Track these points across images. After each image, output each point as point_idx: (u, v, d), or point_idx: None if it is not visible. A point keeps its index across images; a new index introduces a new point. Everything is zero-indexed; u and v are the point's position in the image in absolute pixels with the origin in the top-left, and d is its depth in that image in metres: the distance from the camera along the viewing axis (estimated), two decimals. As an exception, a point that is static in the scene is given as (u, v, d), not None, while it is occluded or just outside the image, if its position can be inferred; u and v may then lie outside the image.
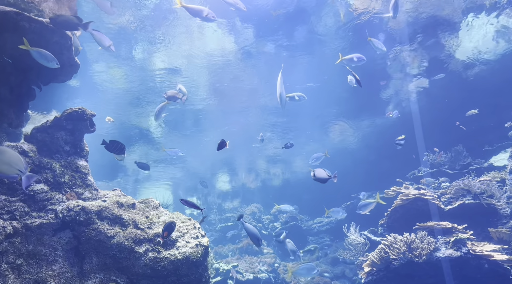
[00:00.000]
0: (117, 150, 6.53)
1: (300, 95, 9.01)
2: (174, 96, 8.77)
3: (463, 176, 12.12)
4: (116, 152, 6.55)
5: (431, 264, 7.78)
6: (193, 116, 16.77)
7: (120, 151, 6.51)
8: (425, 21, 11.35)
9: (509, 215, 10.08)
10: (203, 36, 11.55)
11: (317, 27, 11.66)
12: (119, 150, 6.53)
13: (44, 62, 5.67)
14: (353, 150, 23.88)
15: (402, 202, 10.47)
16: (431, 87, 14.99)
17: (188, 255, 6.28)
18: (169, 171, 24.51)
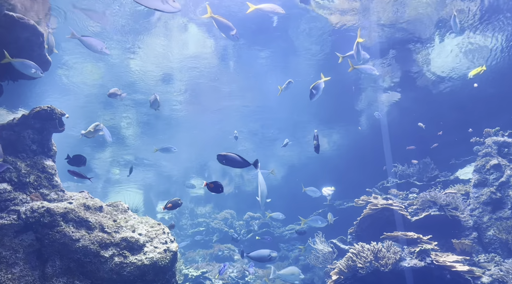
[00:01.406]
0: (79, 163, 6.63)
1: (290, 82, 9.01)
2: (114, 93, 8.67)
3: (430, 187, 12.51)
4: (78, 165, 6.61)
5: (396, 273, 7.97)
6: (167, 120, 16.60)
7: (82, 164, 6.63)
8: (398, 38, 11.71)
9: (472, 227, 10.46)
10: (182, 39, 11.50)
11: (294, 39, 11.85)
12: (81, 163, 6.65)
13: (27, 72, 5.58)
14: (327, 158, 24.23)
15: (370, 211, 10.69)
16: (402, 100, 15.45)
17: (156, 261, 6.19)
18: (141, 174, 24.12)
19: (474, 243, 10.03)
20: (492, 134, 11.56)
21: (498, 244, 9.82)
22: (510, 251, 9.58)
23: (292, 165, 26.20)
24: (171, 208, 7.41)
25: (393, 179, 14.87)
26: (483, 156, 11.07)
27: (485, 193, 10.48)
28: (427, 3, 10.20)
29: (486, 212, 10.34)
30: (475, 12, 10.51)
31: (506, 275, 8.45)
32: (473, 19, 10.77)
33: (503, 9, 10.37)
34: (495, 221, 10.10)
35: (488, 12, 10.47)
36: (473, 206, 10.70)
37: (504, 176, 10.34)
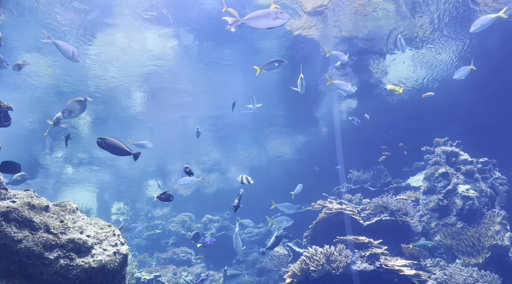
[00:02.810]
0: (12, 170, 6.32)
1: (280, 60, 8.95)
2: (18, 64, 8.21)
3: (383, 193, 12.97)
4: (10, 172, 6.30)
5: (347, 276, 8.17)
6: (124, 119, 16.16)
7: (15, 171, 6.33)
8: (357, 48, 12.08)
9: (420, 232, 10.93)
10: (143, 37, 11.26)
11: (257, 44, 11.92)
12: (13, 170, 6.33)
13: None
14: (287, 162, 24.53)
15: (325, 215, 10.91)
16: (360, 108, 15.94)
17: (104, 264, 5.99)
18: (96, 173, 23.31)
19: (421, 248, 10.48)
20: (441, 144, 12.16)
21: (443, 249, 10.32)
22: (454, 256, 10.08)
23: (253, 167, 26.31)
24: (164, 199, 7.26)
25: (348, 184, 15.28)
26: (433, 164, 11.62)
27: (433, 200, 11.00)
28: (386, 16, 10.61)
29: (434, 218, 10.84)
30: (428, 27, 11.05)
31: (449, 278, 8.89)
32: (426, 34, 11.31)
33: (452, 25, 10.97)
34: (441, 227, 10.61)
35: (438, 29, 11.04)
36: (422, 212, 11.19)
37: (451, 184, 10.89)
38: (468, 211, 10.43)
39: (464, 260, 9.70)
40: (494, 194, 11.02)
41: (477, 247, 9.76)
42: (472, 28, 8.47)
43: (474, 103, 13.62)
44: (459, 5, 10.12)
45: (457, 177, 10.99)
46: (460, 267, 9.14)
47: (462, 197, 10.56)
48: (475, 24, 8.40)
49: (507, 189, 11.55)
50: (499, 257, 9.71)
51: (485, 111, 13.67)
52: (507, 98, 12.87)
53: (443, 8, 10.28)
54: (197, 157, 23.05)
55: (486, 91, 12.29)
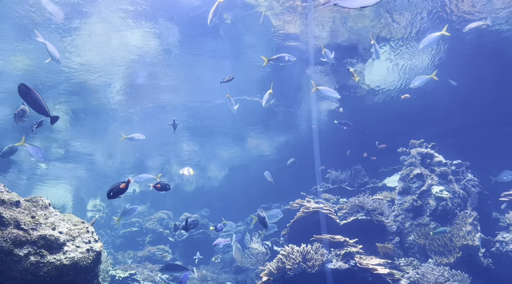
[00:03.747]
0: None
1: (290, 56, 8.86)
2: None
3: (360, 193, 13.14)
4: None
5: (322, 275, 8.26)
6: (100, 113, 15.84)
7: None
8: (337, 49, 12.19)
9: (395, 232, 11.13)
10: (125, 31, 11.07)
11: (243, 37, 11.88)
12: None
13: None
14: (267, 161, 24.59)
15: (303, 214, 11.00)
16: (339, 111, 16.11)
17: (77, 261, 5.88)
18: (72, 169, 22.81)
19: (396, 247, 10.68)
20: (417, 145, 12.42)
21: (417, 249, 10.54)
22: (427, 255, 10.32)
23: (233, 166, 26.29)
24: (160, 189, 7.17)
25: (326, 183, 15.44)
26: (408, 166, 11.86)
27: (408, 200, 11.23)
28: (367, 19, 10.75)
29: (408, 218, 11.07)
30: (405, 32, 11.26)
31: (422, 278, 9.09)
32: (405, 36, 11.54)
33: (429, 30, 11.23)
34: (415, 227, 10.84)
35: (416, 33, 11.27)
36: (397, 212, 11.41)
37: (425, 185, 11.14)
38: (441, 212, 10.68)
39: (437, 259, 9.94)
40: (467, 196, 11.33)
41: (449, 247, 10.01)
42: (421, 45, 9.09)
43: (449, 107, 13.97)
44: (436, 11, 10.34)
45: (431, 178, 11.25)
46: (432, 267, 9.37)
47: (436, 197, 10.82)
48: (423, 42, 9.10)
49: (478, 190, 11.89)
50: (470, 257, 10.00)
51: (460, 115, 14.03)
52: (480, 102, 13.24)
53: (419, 16, 10.51)
54: (176, 154, 22.85)
55: (460, 95, 12.62)
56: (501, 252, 10.32)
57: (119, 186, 5.09)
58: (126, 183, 5.00)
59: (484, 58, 12.15)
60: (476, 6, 10.04)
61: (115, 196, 5.22)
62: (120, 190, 5.05)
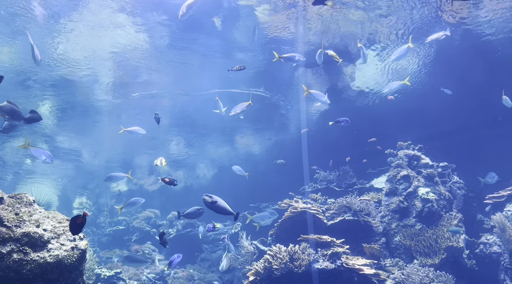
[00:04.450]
0: None
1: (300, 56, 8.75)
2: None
3: (348, 194, 13.23)
4: None
5: (309, 274, 8.29)
6: (88, 108, 15.62)
7: None
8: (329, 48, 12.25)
9: (381, 233, 11.23)
10: (114, 28, 10.95)
11: (230, 36, 11.84)
12: None
13: None
14: (257, 162, 24.59)
15: (291, 214, 11.03)
16: (330, 111, 16.22)
17: (61, 259, 5.82)
18: (58, 166, 22.50)
19: (382, 248, 10.79)
20: (404, 147, 12.56)
21: (402, 250, 10.65)
22: (412, 256, 10.44)
23: (222, 165, 26.22)
24: (168, 183, 7.46)
25: (315, 184, 15.51)
26: (395, 167, 11.98)
27: (394, 201, 11.33)
28: (357, 21, 10.82)
29: (395, 219, 11.18)
30: (395, 34, 11.37)
31: (407, 278, 9.19)
32: (391, 38, 11.65)
33: (417, 33, 11.36)
34: (401, 228, 10.95)
35: (405, 35, 11.39)
36: (383, 213, 11.51)
37: (411, 187, 11.27)
38: (427, 213, 10.81)
39: (422, 260, 10.06)
40: (452, 198, 11.49)
41: (434, 248, 10.14)
42: (392, 57, 9.48)
43: (436, 109, 14.13)
44: (425, 15, 10.47)
45: (418, 180, 11.38)
46: (417, 267, 9.48)
47: (422, 199, 10.95)
48: (395, 53, 9.61)
49: (464, 193, 12.07)
50: (454, 258, 10.14)
51: (447, 118, 14.20)
52: (467, 105, 13.42)
53: (410, 18, 10.62)
54: (164, 152, 22.69)
55: (447, 98, 12.77)
56: (484, 254, 10.50)
57: (76, 221, 4.94)
58: (83, 217, 4.86)
59: (470, 62, 12.34)
60: (463, 13, 10.20)
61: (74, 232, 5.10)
62: (77, 225, 4.89)
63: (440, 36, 9.91)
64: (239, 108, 9.20)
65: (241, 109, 9.18)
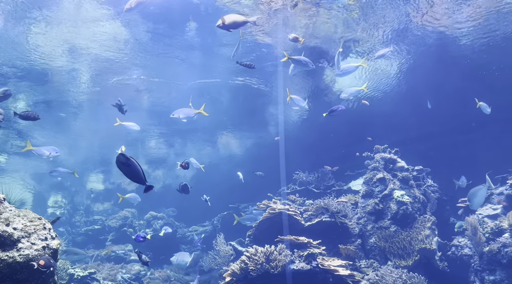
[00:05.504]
0: None
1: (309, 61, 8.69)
2: None
3: (326, 195, 13.38)
4: None
5: (284, 275, 8.34)
6: (66, 102, 15.27)
7: None
8: (311, 51, 12.35)
9: (357, 234, 11.39)
10: (93, 23, 10.74)
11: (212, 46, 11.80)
12: None
13: None
14: (237, 161, 24.58)
15: (269, 215, 11.06)
16: (311, 113, 16.37)
17: (31, 258, 5.69)
18: (32, 163, 21.93)
19: (358, 249, 10.94)
20: (381, 150, 12.78)
21: (377, 251, 10.83)
22: (386, 258, 10.63)
23: (202, 164, 26.07)
24: (184, 167, 8.03)
25: (293, 185, 15.61)
26: (372, 170, 12.17)
27: (370, 203, 11.52)
28: (335, 25, 10.96)
29: (370, 221, 11.36)
30: (375, 39, 11.57)
31: (381, 279, 9.34)
32: (370, 45, 11.87)
33: (396, 39, 11.58)
34: (376, 229, 11.14)
35: (386, 41, 11.61)
36: (360, 215, 11.68)
37: (387, 189, 11.47)
38: (402, 216, 11.02)
39: (396, 262, 10.25)
40: (426, 201, 11.75)
41: (408, 250, 10.35)
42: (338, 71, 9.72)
43: (413, 114, 14.44)
44: (403, 21, 10.69)
45: (393, 182, 11.59)
46: (391, 269, 9.64)
47: (397, 202, 11.16)
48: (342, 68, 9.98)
49: (438, 196, 12.36)
50: (427, 260, 10.37)
51: (423, 122, 14.51)
52: (442, 111, 13.76)
53: (390, 25, 10.84)
54: (143, 151, 22.42)
55: (424, 104, 13.08)
56: (456, 256, 10.77)
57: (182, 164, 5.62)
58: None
59: (445, 69, 12.67)
60: (441, 19, 10.46)
61: None
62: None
63: (386, 52, 10.81)
64: (183, 113, 9.05)
65: (185, 115, 9.04)
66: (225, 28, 6.81)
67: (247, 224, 11.77)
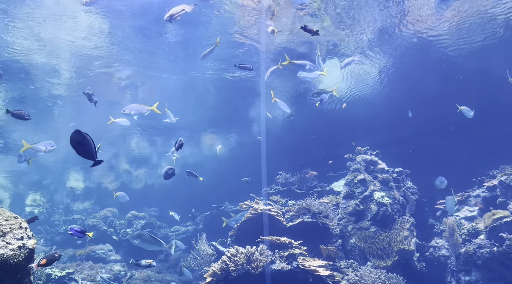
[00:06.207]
0: None
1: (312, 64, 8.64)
2: None
3: (309, 196, 13.46)
4: None
5: (265, 276, 8.35)
6: (44, 98, 14.93)
7: None
8: (295, 54, 12.43)
9: (338, 235, 11.50)
10: (75, 18, 10.55)
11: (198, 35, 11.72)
12: None
13: None
14: (221, 161, 24.51)
15: (251, 216, 11.07)
16: (296, 114, 16.46)
17: (6, 258, 5.55)
18: (10, 161, 21.40)
19: (338, 250, 11.04)
20: (362, 152, 12.95)
21: (357, 252, 10.96)
22: (366, 258, 10.76)
23: (185, 164, 25.94)
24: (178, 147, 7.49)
25: (276, 186, 15.66)
26: (353, 171, 12.32)
27: (351, 204, 11.65)
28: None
29: (351, 222, 11.48)
30: (359, 43, 11.71)
31: (360, 280, 9.45)
32: (351, 48, 12.02)
33: (377, 43, 11.75)
34: (357, 230, 11.27)
35: (368, 44, 11.77)
36: (341, 216, 11.80)
37: (368, 190, 11.62)
38: (382, 217, 11.18)
39: (375, 262, 10.39)
40: (405, 202, 11.95)
41: (387, 251, 10.50)
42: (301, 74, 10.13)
43: (394, 117, 14.68)
44: (387, 26, 10.86)
45: (374, 184, 11.75)
46: (370, 269, 9.77)
47: (377, 203, 11.31)
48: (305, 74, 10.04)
49: (417, 198, 12.59)
50: (405, 261, 10.54)
51: (404, 125, 14.76)
52: (422, 114, 14.01)
53: (371, 29, 11.00)
54: (125, 149, 22.13)
55: (404, 107, 13.30)
56: (434, 257, 10.99)
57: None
58: None
59: (425, 73, 12.93)
60: (420, 24, 10.68)
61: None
62: None
63: (351, 61, 11.28)
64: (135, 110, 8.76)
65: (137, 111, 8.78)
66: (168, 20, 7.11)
67: (233, 225, 11.77)
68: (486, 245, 9.47)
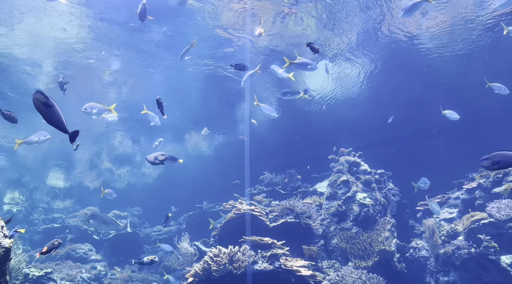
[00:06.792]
0: None
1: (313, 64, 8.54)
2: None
3: (293, 196, 13.49)
4: None
5: (247, 276, 8.34)
6: (22, 95, 14.61)
7: None
8: (278, 54, 12.47)
9: (320, 235, 11.57)
10: (54, 14, 10.35)
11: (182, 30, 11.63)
12: None
13: None
14: (206, 161, 24.39)
15: (234, 216, 11.05)
16: (279, 117, 16.50)
17: (-19, 257, 5.38)
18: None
19: (320, 250, 11.11)
20: (345, 154, 13.05)
21: (339, 252, 11.04)
22: (347, 258, 10.85)
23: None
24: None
25: (260, 186, 15.67)
26: (336, 172, 12.41)
27: (334, 205, 11.74)
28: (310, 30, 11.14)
29: (333, 223, 11.57)
30: (344, 45, 11.83)
31: (341, 280, 9.53)
32: (340, 49, 12.12)
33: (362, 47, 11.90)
34: (339, 231, 11.35)
35: (352, 48, 11.89)
36: (323, 216, 11.87)
37: (350, 191, 11.73)
38: (364, 217, 11.30)
39: (356, 262, 10.49)
40: (387, 203, 12.10)
41: (368, 251, 10.61)
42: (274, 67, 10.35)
43: (377, 120, 14.85)
44: (371, 30, 11.00)
45: (356, 185, 11.86)
46: (351, 270, 9.86)
47: (359, 204, 11.43)
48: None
49: (398, 199, 12.77)
50: (386, 261, 10.67)
51: (386, 128, 14.94)
52: (405, 118, 14.23)
53: (356, 33, 11.12)
54: (108, 148, 21.81)
55: (387, 110, 13.49)
56: (414, 258, 11.16)
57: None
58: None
59: (408, 77, 13.14)
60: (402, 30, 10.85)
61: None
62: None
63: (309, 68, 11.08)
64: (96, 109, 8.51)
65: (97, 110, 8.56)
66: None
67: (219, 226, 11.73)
68: (464, 246, 9.66)
